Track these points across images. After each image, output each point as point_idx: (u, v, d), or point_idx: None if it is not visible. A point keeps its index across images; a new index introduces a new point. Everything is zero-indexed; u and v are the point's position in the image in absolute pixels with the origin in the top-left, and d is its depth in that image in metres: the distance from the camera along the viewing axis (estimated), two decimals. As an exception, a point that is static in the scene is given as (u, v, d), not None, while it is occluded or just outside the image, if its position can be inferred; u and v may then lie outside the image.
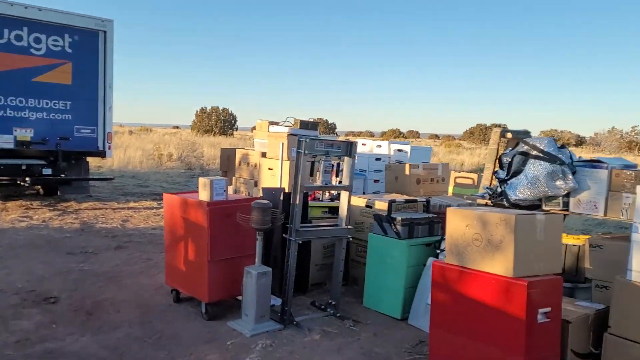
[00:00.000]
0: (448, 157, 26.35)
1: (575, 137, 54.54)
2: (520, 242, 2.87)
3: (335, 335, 3.77)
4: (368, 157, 6.49)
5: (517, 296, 2.83)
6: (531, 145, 3.93)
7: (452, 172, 6.14)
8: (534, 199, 3.93)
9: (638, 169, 3.66)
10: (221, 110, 47.70)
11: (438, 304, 3.26)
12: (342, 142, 4.02)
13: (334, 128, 66.11)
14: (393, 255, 4.25)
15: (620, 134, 45.32)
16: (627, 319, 3.04)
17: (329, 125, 65.03)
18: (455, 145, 41.97)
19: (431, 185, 5.94)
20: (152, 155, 17.46)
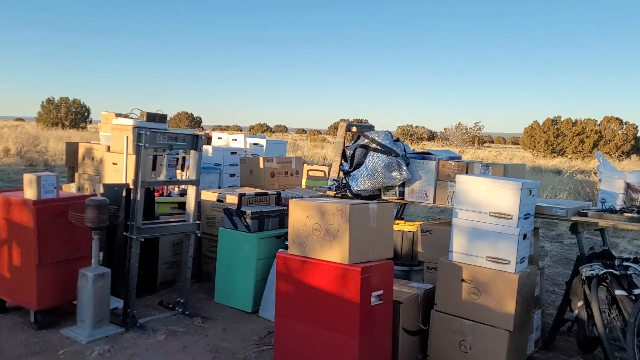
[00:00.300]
0: (313, 151, 26.99)
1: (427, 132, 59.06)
2: (354, 230, 3.02)
3: (182, 334, 3.67)
4: (223, 150, 6.41)
5: (352, 281, 2.98)
6: (370, 139, 4.16)
7: (305, 165, 6.29)
8: (373, 189, 4.17)
9: (461, 160, 4.06)
10: (72, 101, 43.98)
11: (282, 294, 3.32)
12: (187, 135, 3.91)
13: (199, 122, 64.44)
14: (243, 249, 4.25)
15: (465, 129, 49.87)
16: (449, 296, 3.36)
17: (194, 119, 63.24)
18: (320, 140, 43.18)
19: (285, 178, 6.04)
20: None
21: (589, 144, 38.49)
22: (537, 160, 30.63)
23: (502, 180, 3.27)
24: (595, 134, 39.21)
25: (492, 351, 3.16)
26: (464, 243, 3.34)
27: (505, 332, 3.13)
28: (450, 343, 3.33)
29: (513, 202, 3.16)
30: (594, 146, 38.25)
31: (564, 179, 13.66)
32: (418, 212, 9.09)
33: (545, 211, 3.53)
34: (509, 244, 3.17)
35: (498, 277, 3.18)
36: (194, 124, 61.08)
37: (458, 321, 3.31)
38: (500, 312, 3.16)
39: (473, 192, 3.31)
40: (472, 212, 3.31)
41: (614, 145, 38.58)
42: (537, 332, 3.59)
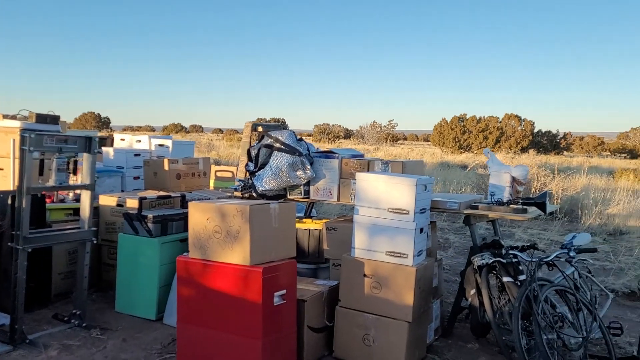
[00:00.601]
0: (229, 151, 26.61)
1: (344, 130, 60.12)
2: (255, 231, 2.99)
3: (77, 348, 3.47)
4: (126, 152, 6.13)
5: (254, 283, 2.96)
6: (274, 138, 4.15)
7: (213, 165, 6.17)
8: (279, 189, 4.17)
9: (362, 158, 4.16)
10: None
11: (184, 299, 3.23)
12: (78, 137, 3.70)
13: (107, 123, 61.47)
14: (145, 254, 4.09)
15: (380, 127, 51.34)
16: (352, 291, 3.43)
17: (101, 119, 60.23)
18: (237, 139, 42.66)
19: (193, 180, 5.88)
20: None
21: (492, 139, 40.95)
22: (445, 156, 32.14)
23: (398, 177, 3.38)
24: (497, 131, 41.80)
25: (394, 343, 3.26)
26: (365, 239, 3.42)
27: (405, 323, 3.24)
28: (354, 338, 3.40)
29: (409, 198, 3.28)
30: (496, 142, 40.76)
31: (468, 173, 14.43)
32: (331, 210, 9.22)
33: (440, 205, 3.70)
34: (407, 238, 3.28)
35: (397, 271, 3.29)
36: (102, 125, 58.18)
37: (361, 315, 3.39)
38: (400, 304, 3.26)
39: (372, 189, 3.40)
40: (371, 208, 3.40)
41: (514, 141, 41.33)
42: (436, 321, 3.76)
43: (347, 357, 3.43)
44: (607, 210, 9.34)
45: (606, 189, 11.47)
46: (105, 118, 61.80)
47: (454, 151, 39.66)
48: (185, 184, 5.78)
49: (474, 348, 3.65)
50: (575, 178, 13.33)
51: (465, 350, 3.62)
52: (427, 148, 44.92)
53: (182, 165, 5.76)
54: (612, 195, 10.52)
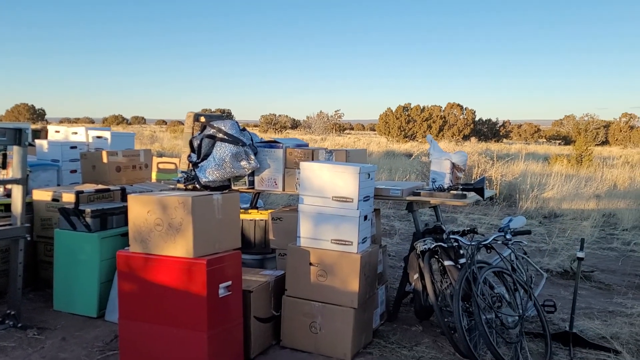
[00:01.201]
0: (173, 142, 26.04)
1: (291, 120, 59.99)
2: (198, 222, 2.95)
3: (13, 349, 3.32)
4: (61, 145, 5.86)
5: (198, 275, 2.91)
6: (217, 129, 4.08)
7: (155, 157, 6.02)
8: (222, 180, 4.11)
9: (307, 147, 4.16)
10: None
11: (125, 295, 3.15)
12: (7, 129, 3.51)
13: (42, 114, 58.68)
14: (84, 250, 3.95)
15: (327, 117, 51.56)
16: (299, 280, 3.44)
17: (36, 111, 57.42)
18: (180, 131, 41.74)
19: (133, 173, 5.70)
20: None
21: (435, 128, 41.97)
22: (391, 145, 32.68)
23: (342, 165, 3.41)
24: (441, 119, 42.87)
25: (340, 329, 3.30)
26: (310, 228, 3.43)
27: (351, 309, 3.28)
28: (301, 326, 3.42)
29: (352, 186, 3.31)
30: (440, 130, 41.81)
31: (412, 161, 14.74)
32: (279, 201, 9.19)
33: (384, 193, 3.76)
34: (351, 225, 3.32)
35: (342, 258, 3.32)
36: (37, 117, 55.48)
37: (308, 304, 3.40)
38: (346, 291, 3.30)
39: (316, 178, 3.41)
40: (316, 197, 3.41)
41: (457, 129, 42.53)
42: (382, 307, 3.83)
43: (294, 345, 3.45)
44: (543, 194, 9.79)
45: (542, 174, 12.01)
46: (40, 110, 58.98)
47: (399, 140, 40.40)
48: (125, 177, 5.60)
49: (418, 331, 3.75)
50: (514, 164, 13.88)
51: (410, 333, 3.71)
52: (373, 137, 45.53)
53: (122, 158, 5.57)
54: (547, 180, 11.03)
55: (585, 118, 52.45)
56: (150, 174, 5.87)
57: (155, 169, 5.94)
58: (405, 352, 3.40)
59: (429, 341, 3.58)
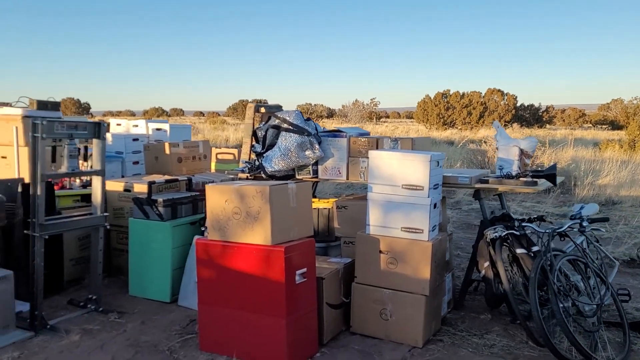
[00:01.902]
0: (213, 133, 26.42)
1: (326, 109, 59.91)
2: (275, 211, 3.02)
3: (98, 332, 3.50)
4: (124, 137, 6.08)
5: (276, 262, 3.00)
6: (281, 119, 4.15)
7: (213, 148, 6.16)
8: (287, 169, 4.19)
9: (370, 136, 4.18)
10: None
11: (204, 281, 3.27)
12: (88, 123, 3.67)
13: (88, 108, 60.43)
14: (157, 239, 4.10)
15: (362, 105, 51.25)
16: (368, 268, 3.49)
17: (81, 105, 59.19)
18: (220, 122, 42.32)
19: (193, 163, 5.86)
20: None
21: (475, 115, 41.18)
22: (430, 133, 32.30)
23: (412, 153, 3.42)
24: (481, 106, 42.01)
25: (412, 316, 3.34)
26: (380, 216, 3.47)
27: (422, 296, 3.31)
28: (371, 312, 3.47)
29: (423, 174, 3.33)
30: (480, 117, 41.01)
31: (457, 149, 14.56)
32: (326, 189, 9.27)
33: (452, 180, 3.75)
34: (422, 213, 3.34)
35: (413, 246, 3.35)
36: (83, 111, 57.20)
37: (378, 291, 3.45)
38: (417, 279, 3.33)
39: (385, 166, 3.44)
40: (385, 185, 3.44)
41: (497, 115, 41.61)
42: (449, 294, 3.84)
43: (364, 331, 3.51)
44: (598, 181, 9.53)
45: (594, 161, 11.67)
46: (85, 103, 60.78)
47: (439, 128, 39.85)
48: (186, 168, 5.76)
49: (487, 319, 3.75)
50: (562, 150, 13.54)
51: (479, 321, 3.72)
52: (410, 125, 45.05)
53: (182, 149, 5.73)
54: (601, 167, 10.72)
55: (634, 101, 50.46)
56: (210, 165, 6.02)
57: (214, 160, 6.08)
58: (476, 340, 3.42)
59: (500, 329, 3.58)
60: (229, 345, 3.18)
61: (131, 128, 6.67)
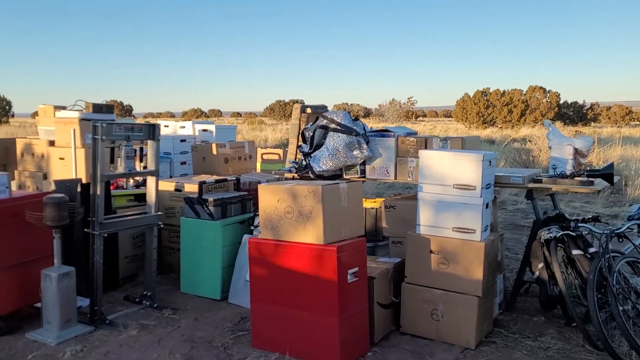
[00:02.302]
0: (252, 134, 26.73)
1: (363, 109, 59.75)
2: (328, 210, 3.05)
3: (154, 327, 3.60)
4: (172, 139, 6.23)
5: (328, 261, 3.02)
6: (329, 119, 4.18)
7: (259, 149, 6.25)
8: (335, 169, 4.21)
9: (418, 135, 4.17)
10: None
11: (256, 279, 3.32)
12: (143, 125, 3.78)
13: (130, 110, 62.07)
14: (208, 237, 4.19)
15: (399, 104, 50.87)
16: (419, 268, 3.48)
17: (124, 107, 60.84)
18: (258, 122, 42.79)
19: (239, 163, 5.97)
20: None
21: (516, 113, 40.32)
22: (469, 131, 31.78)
23: (463, 153, 3.39)
24: (522, 103, 41.10)
25: (463, 317, 3.31)
26: (430, 216, 3.45)
27: (475, 297, 3.28)
28: (422, 313, 3.46)
29: (475, 174, 3.29)
30: (521, 115, 40.14)
31: (499, 148, 14.29)
32: (367, 189, 9.26)
33: (504, 180, 3.70)
34: (474, 213, 3.31)
35: (465, 246, 3.32)
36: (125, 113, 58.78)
37: (429, 291, 3.44)
38: (469, 279, 3.30)
39: (436, 166, 3.42)
40: (436, 185, 3.42)
41: (540, 113, 40.63)
42: (500, 296, 3.79)
43: (415, 332, 3.50)
44: (650, 180, 9.20)
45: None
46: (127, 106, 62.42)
47: (478, 126, 39.19)
48: (232, 168, 5.88)
49: (540, 321, 3.68)
50: (610, 149, 13.11)
51: (532, 324, 3.65)
52: (449, 124, 44.46)
53: (229, 149, 5.85)
54: (653, 166, 10.34)
55: (685, 98, 48.28)
56: (255, 165, 6.11)
57: (259, 160, 6.17)
58: (530, 343, 3.36)
59: (554, 332, 3.50)
60: (281, 342, 3.23)
61: (178, 129, 6.83)
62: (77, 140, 4.67)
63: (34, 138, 5.79)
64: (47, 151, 5.22)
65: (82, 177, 4.78)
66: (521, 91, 42.91)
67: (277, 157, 6.07)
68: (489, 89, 42.87)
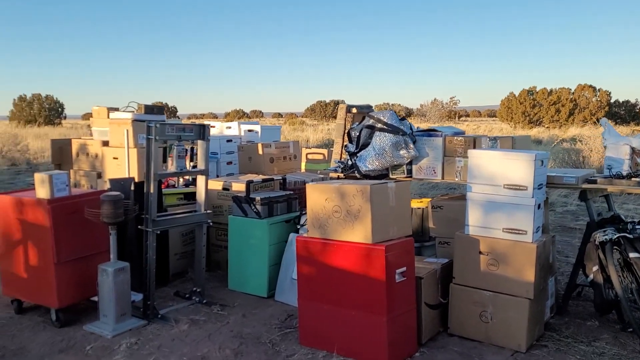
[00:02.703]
0: (293, 134, 26.92)
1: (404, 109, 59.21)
2: (376, 209, 3.06)
3: (204, 322, 3.69)
4: (219, 139, 6.36)
5: (377, 260, 3.03)
6: (376, 119, 4.17)
7: (304, 148, 6.30)
8: (382, 169, 4.20)
9: (466, 135, 4.11)
10: (44, 97, 42.98)
11: (304, 277, 3.35)
12: (194, 126, 3.88)
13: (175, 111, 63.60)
14: (255, 235, 4.26)
15: (441, 104, 50.16)
16: (467, 269, 3.43)
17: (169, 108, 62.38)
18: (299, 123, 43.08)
19: (284, 163, 6.03)
20: (-35, 152, 15.21)
21: (564, 112, 39.12)
22: (516, 131, 31.04)
23: (515, 152, 3.33)
24: (571, 103, 39.83)
25: (514, 319, 3.25)
26: (480, 216, 3.40)
27: (526, 300, 3.21)
28: (470, 314, 3.41)
29: (527, 174, 3.23)
30: (569, 115, 38.91)
31: (547, 148, 13.89)
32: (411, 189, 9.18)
33: (556, 180, 3.61)
34: (526, 214, 3.24)
35: (516, 248, 3.26)
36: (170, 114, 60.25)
37: (478, 293, 3.39)
38: (520, 281, 3.24)
39: (486, 165, 3.37)
40: (486, 185, 3.37)
41: (589, 113, 39.27)
42: (551, 299, 3.70)
43: (463, 333, 3.45)
44: None
45: None
46: (172, 107, 63.96)
47: (524, 126, 38.21)
48: (277, 167, 5.94)
49: (594, 326, 3.57)
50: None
51: (585, 328, 3.55)
52: (492, 124, 43.53)
53: (274, 149, 5.91)
54: None
55: None
56: (300, 164, 6.17)
57: (304, 160, 6.21)
58: (584, 347, 3.26)
59: (609, 337, 3.39)
60: (328, 340, 3.25)
61: (225, 130, 6.96)
62: (130, 140, 4.83)
63: (89, 138, 6.01)
64: (101, 151, 5.42)
65: (135, 175, 4.94)
66: (569, 90, 41.59)
67: (321, 157, 6.11)
68: (535, 87, 41.74)
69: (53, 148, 6.44)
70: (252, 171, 5.74)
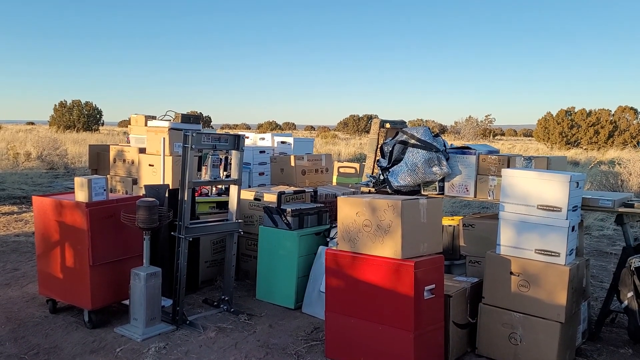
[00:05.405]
0: (325, 147, 27.02)
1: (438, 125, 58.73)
2: (406, 225, 3.05)
3: (231, 331, 3.73)
4: (252, 150, 6.44)
5: (405, 276, 3.02)
6: (409, 135, 4.18)
7: (336, 162, 6.32)
8: (414, 185, 4.20)
9: (500, 154, 4.07)
10: (84, 104, 44.34)
11: (332, 290, 3.36)
12: (229, 136, 3.96)
13: (209, 122, 64.67)
14: (284, 246, 4.29)
15: (476, 122, 49.58)
16: (498, 289, 3.38)
17: (203, 118, 63.49)
18: (332, 136, 43.19)
19: (316, 176, 6.07)
20: (7, 155, 15.76)
21: (604, 134, 38.15)
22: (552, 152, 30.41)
23: (550, 173, 3.28)
24: (610, 124, 38.84)
25: (544, 342, 3.18)
26: (512, 236, 3.36)
27: (557, 323, 3.14)
28: (499, 336, 3.35)
29: (562, 195, 3.17)
30: (609, 137, 37.93)
31: (584, 169, 13.58)
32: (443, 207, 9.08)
33: (592, 203, 3.54)
34: (559, 236, 3.18)
35: (548, 269, 3.20)
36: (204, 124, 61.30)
37: (507, 314, 3.33)
38: (552, 304, 3.17)
39: (520, 185, 3.33)
40: (519, 205, 3.33)
41: (629, 135, 38.19)
42: (584, 324, 3.61)
43: (491, 354, 3.39)
44: None
45: None
46: (207, 117, 65.06)
47: (561, 147, 37.40)
48: (309, 180, 5.98)
49: (628, 354, 3.46)
50: None
51: (618, 356, 3.44)
52: (528, 143, 42.78)
53: (306, 162, 5.96)
54: None
55: None
56: (332, 178, 6.19)
57: (336, 173, 6.24)
58: (617, 375, 3.17)
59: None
60: (354, 354, 3.24)
61: (258, 141, 7.05)
62: (167, 148, 4.94)
63: (126, 145, 6.19)
64: (137, 158, 5.56)
65: (169, 183, 5.05)
66: (609, 111, 40.58)
67: (353, 170, 6.12)
68: (573, 108, 40.88)
69: (91, 153, 6.64)
70: (284, 183, 5.80)
